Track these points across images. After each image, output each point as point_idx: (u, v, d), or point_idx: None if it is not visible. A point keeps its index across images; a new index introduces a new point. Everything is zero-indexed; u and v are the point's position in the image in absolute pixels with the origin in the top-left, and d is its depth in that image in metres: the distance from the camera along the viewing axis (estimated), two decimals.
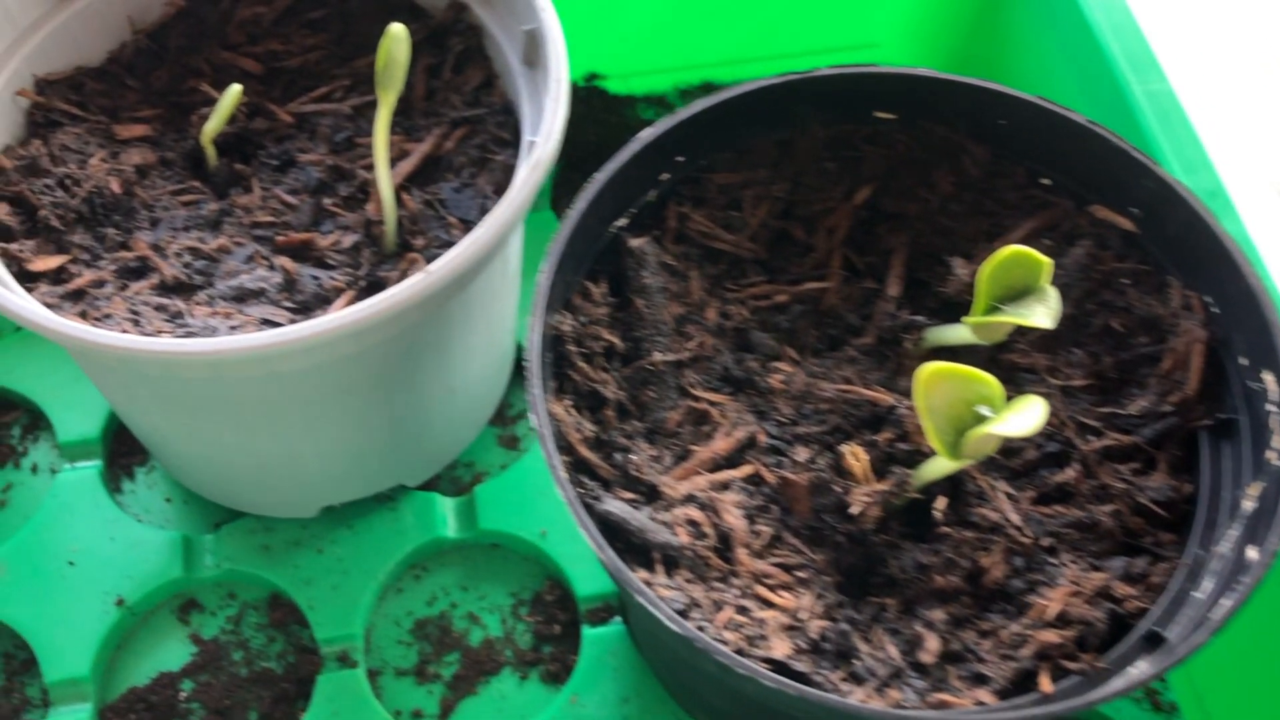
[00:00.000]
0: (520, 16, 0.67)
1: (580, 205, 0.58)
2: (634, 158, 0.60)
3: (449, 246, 0.65)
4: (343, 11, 0.74)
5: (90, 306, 0.62)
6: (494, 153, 0.68)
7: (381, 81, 0.62)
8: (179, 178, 0.69)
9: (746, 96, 0.62)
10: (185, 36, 0.73)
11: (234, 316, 0.62)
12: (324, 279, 0.64)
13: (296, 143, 0.70)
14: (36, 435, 0.79)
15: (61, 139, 0.67)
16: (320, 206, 0.67)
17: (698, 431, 0.59)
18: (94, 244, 0.65)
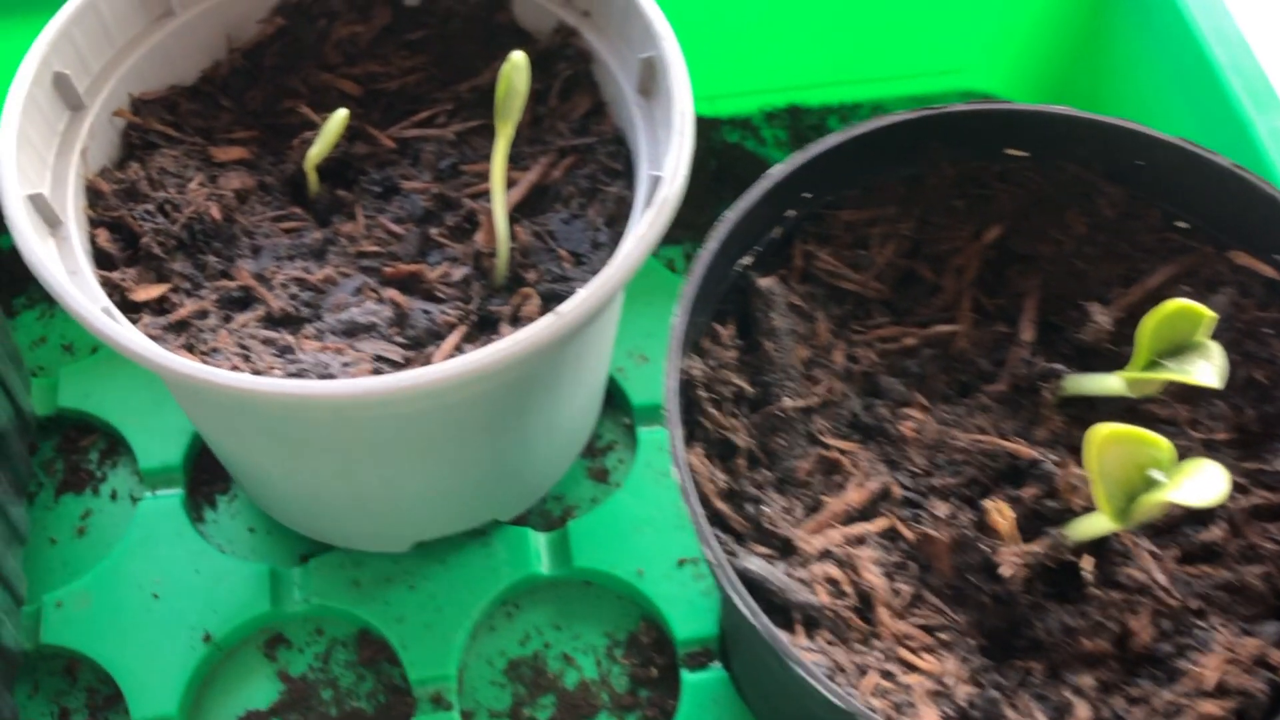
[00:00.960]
0: (636, 43, 0.65)
1: (711, 245, 0.56)
2: (764, 195, 0.58)
3: (560, 281, 0.63)
4: (442, 33, 0.72)
5: (195, 339, 0.60)
6: (605, 184, 0.66)
7: (501, 111, 0.60)
8: (279, 203, 0.67)
9: (877, 132, 0.60)
10: (280, 55, 0.71)
11: (345, 352, 0.59)
12: (435, 313, 0.62)
13: (399, 169, 0.68)
14: (115, 460, 0.77)
15: (159, 161, 0.65)
16: (427, 236, 0.65)
17: (829, 481, 0.57)
18: (194, 272, 0.63)
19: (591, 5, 0.68)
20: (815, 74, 0.91)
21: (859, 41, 0.90)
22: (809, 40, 0.89)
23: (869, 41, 0.90)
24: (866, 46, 0.90)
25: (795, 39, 0.89)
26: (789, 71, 0.91)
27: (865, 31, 0.89)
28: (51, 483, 0.76)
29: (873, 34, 0.89)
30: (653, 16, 0.64)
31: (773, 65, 0.90)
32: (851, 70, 0.91)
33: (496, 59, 0.71)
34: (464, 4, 0.71)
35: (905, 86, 0.92)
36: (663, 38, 0.63)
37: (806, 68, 0.91)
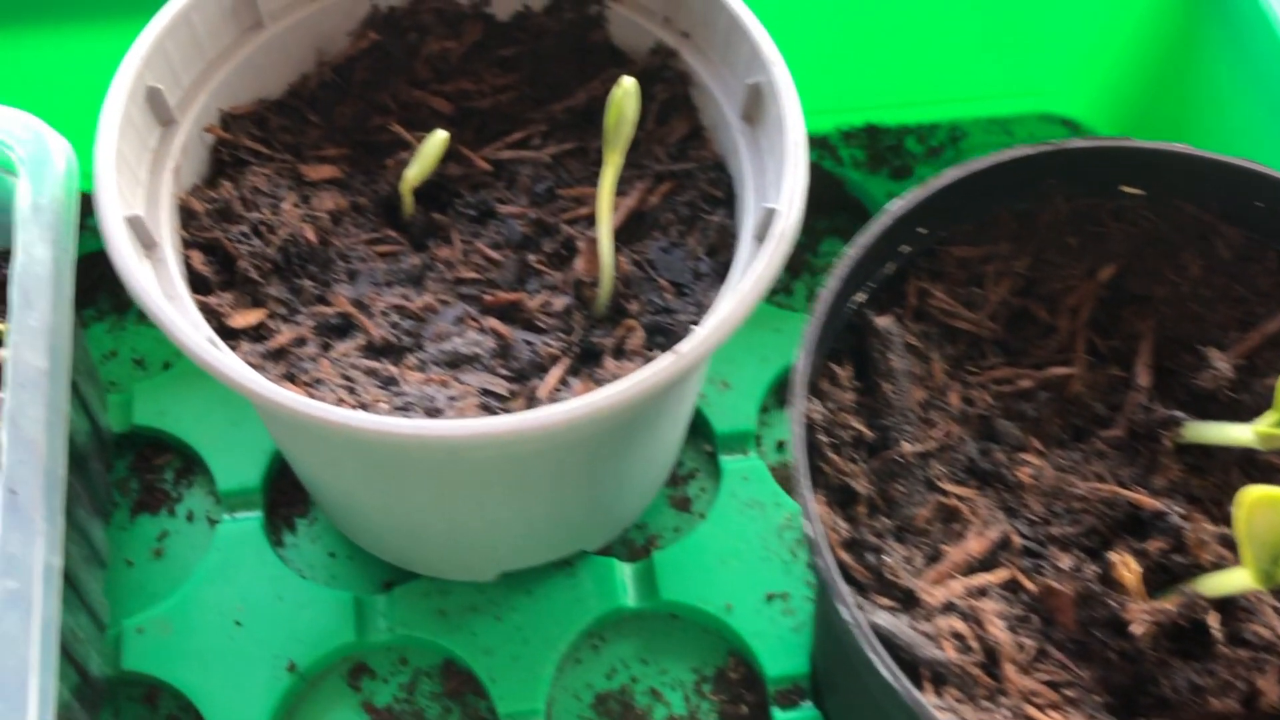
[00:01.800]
0: (741, 68, 0.64)
1: (832, 284, 0.55)
2: (884, 232, 0.56)
3: (663, 312, 0.62)
4: (535, 51, 0.70)
5: (296, 368, 0.58)
6: (706, 212, 0.64)
7: (610, 139, 0.59)
8: (372, 225, 0.66)
9: (996, 168, 0.58)
10: (370, 71, 0.69)
11: (450, 385, 0.58)
12: (537, 344, 0.61)
13: (494, 192, 0.67)
14: (191, 480, 0.76)
15: (251, 180, 0.64)
16: (525, 263, 0.64)
17: (948, 529, 0.55)
18: (290, 297, 0.62)
19: (692, 26, 0.67)
20: (893, 93, 0.89)
21: (938, 61, 0.88)
22: (887, 59, 0.88)
23: (948, 61, 0.88)
24: (945, 66, 0.88)
25: (873, 57, 0.88)
26: (866, 90, 0.89)
27: (944, 51, 0.88)
28: (127, 502, 0.75)
29: (952, 54, 0.88)
30: (761, 41, 0.62)
31: (850, 83, 0.89)
32: (930, 90, 0.89)
33: (591, 79, 0.69)
34: (557, 21, 0.69)
35: (983, 108, 0.90)
36: (772, 63, 0.61)
37: (884, 87, 0.89)
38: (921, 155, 0.88)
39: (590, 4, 0.68)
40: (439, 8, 0.69)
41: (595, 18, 0.69)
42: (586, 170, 0.68)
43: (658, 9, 0.67)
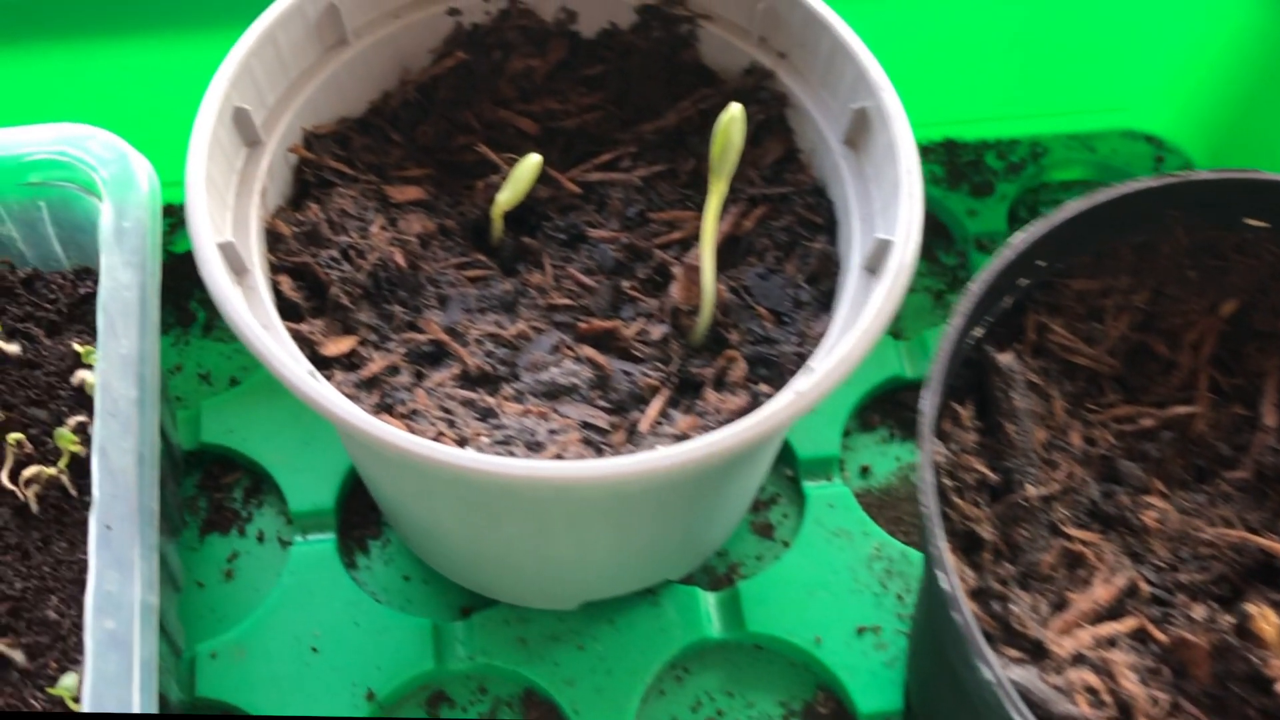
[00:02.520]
0: (844, 91, 0.62)
1: (957, 323, 0.53)
2: (1006, 266, 0.54)
3: (764, 342, 0.60)
4: (622, 69, 0.68)
5: (391, 398, 0.56)
6: (805, 238, 0.63)
7: (716, 167, 0.57)
8: (461, 249, 0.64)
9: (1118, 201, 0.56)
10: (453, 89, 0.67)
11: (550, 417, 0.56)
12: (636, 375, 0.59)
13: (584, 215, 0.65)
14: (260, 499, 0.74)
15: (338, 202, 0.62)
16: (618, 289, 0.62)
17: (1073, 576, 0.54)
18: (380, 323, 0.60)
19: (789, 47, 0.64)
20: (973, 108, 0.87)
21: (1019, 75, 0.86)
22: (966, 73, 0.86)
23: (1029, 75, 0.86)
24: (1026, 80, 0.86)
25: (952, 71, 0.86)
26: (946, 105, 0.87)
27: (1025, 65, 0.86)
28: (195, 521, 0.73)
29: (1033, 68, 0.86)
30: (867, 64, 0.60)
31: (929, 98, 0.86)
32: (1010, 105, 0.87)
33: (681, 99, 0.68)
34: (645, 39, 0.67)
35: (1065, 124, 0.88)
36: (881, 89, 0.59)
37: (964, 101, 0.87)
38: (1002, 171, 0.86)
39: (680, 22, 0.66)
40: (524, 25, 0.67)
41: (685, 36, 0.67)
42: (677, 193, 0.66)
43: (753, 28, 0.65)
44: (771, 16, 0.64)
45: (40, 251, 0.65)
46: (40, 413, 0.63)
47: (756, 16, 0.64)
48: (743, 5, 0.65)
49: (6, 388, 0.63)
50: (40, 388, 0.63)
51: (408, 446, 0.49)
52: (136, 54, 0.75)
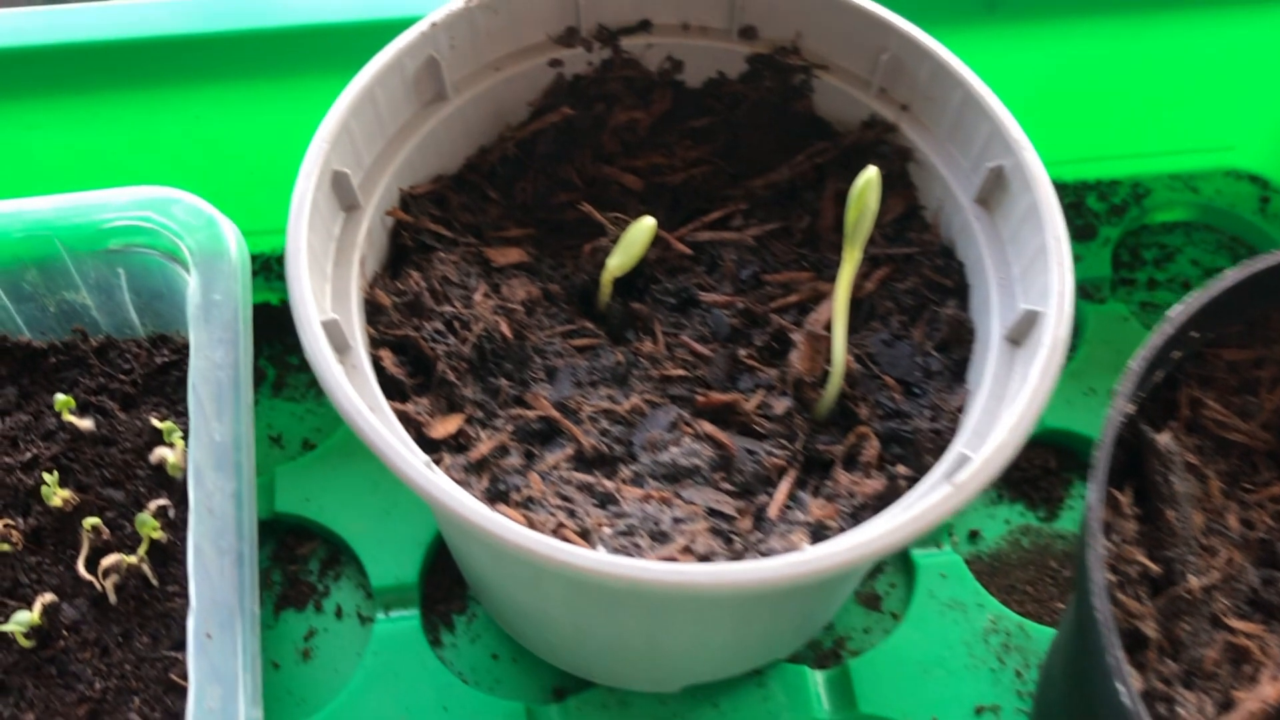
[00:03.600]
0: (976, 148, 0.58)
1: (1120, 405, 0.49)
2: (1166, 342, 0.51)
3: (895, 417, 0.56)
4: (730, 121, 0.64)
5: (503, 483, 0.53)
6: (934, 301, 0.59)
7: (852, 235, 0.54)
8: (566, 316, 0.60)
9: (1276, 268, 0.53)
10: (552, 143, 0.63)
11: (673, 503, 0.53)
12: (760, 454, 0.55)
13: (694, 277, 0.61)
14: (338, 571, 0.70)
15: (440, 269, 0.58)
16: (735, 359, 0.59)
17: (1238, 672, 0.50)
18: (486, 399, 0.56)
19: (913, 98, 0.61)
20: (1072, 149, 0.84)
21: (1120, 115, 0.82)
22: (1067, 113, 0.82)
23: (1130, 115, 0.83)
24: (1127, 120, 0.83)
25: (1052, 111, 0.82)
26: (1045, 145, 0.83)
27: (1126, 104, 0.82)
28: (270, 596, 0.69)
29: (1134, 107, 0.82)
30: (1004, 120, 0.57)
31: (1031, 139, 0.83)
32: (1110, 146, 0.84)
33: (794, 152, 0.64)
34: (755, 89, 0.64)
35: (1166, 163, 0.85)
36: (1021, 146, 0.56)
37: (1062, 141, 0.83)
38: (1104, 214, 0.83)
39: (794, 72, 0.63)
40: (627, 76, 0.63)
41: (799, 87, 0.63)
42: (792, 253, 0.62)
43: (873, 79, 0.61)
44: (896, 67, 0.60)
45: (115, 319, 0.62)
46: (117, 494, 0.59)
47: (880, 67, 0.60)
48: (864, 55, 0.61)
49: (80, 467, 0.60)
50: (116, 466, 0.60)
51: (543, 551, 0.45)
52: (204, 105, 0.71)
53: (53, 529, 0.58)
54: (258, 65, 0.70)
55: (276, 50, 0.70)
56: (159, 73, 0.68)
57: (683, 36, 0.63)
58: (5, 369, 0.62)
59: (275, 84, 0.71)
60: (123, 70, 0.68)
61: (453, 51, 0.59)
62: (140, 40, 0.67)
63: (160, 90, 0.69)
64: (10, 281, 0.59)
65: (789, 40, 0.63)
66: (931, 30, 0.59)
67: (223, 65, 0.69)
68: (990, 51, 0.77)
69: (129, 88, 0.69)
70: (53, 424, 0.60)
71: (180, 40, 0.67)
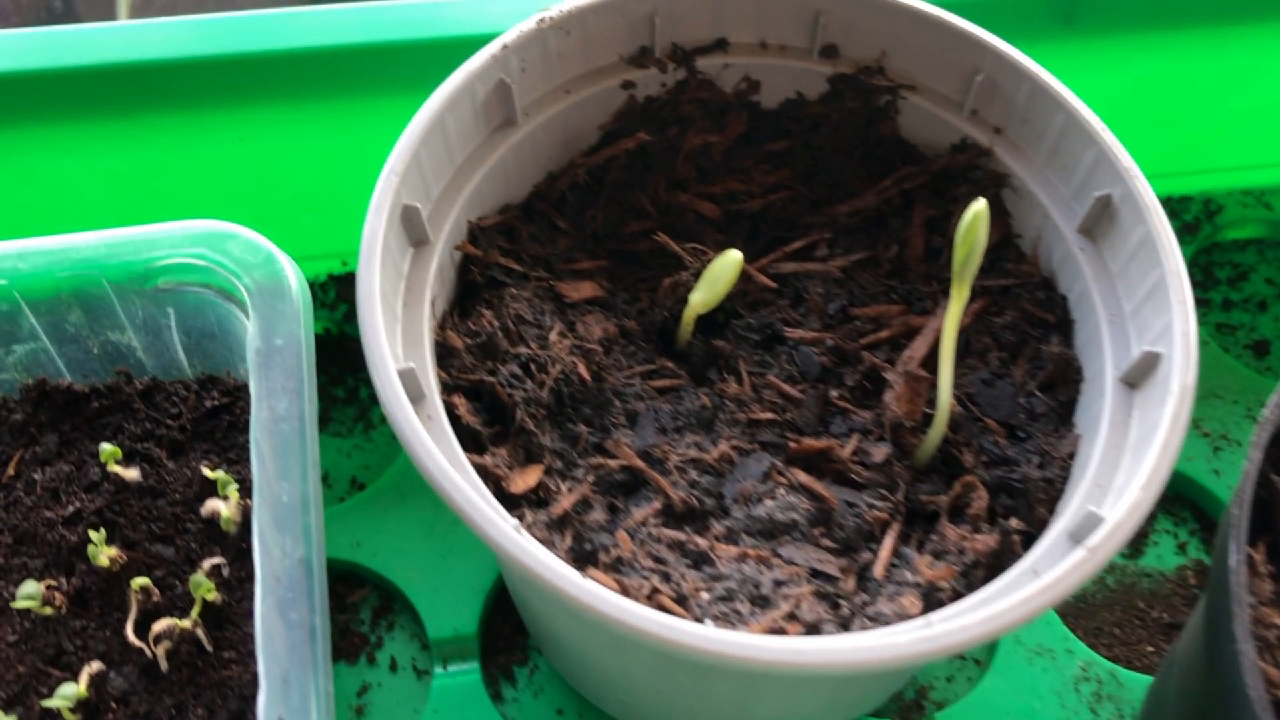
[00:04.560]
0: (1081, 175, 0.55)
1: (1257, 457, 0.46)
2: None
3: (1001, 464, 0.53)
4: (809, 143, 0.61)
5: (590, 542, 0.49)
6: (1036, 338, 0.56)
7: (960, 272, 0.50)
8: (645, 355, 0.57)
9: None
10: (624, 169, 0.60)
11: (771, 562, 0.49)
12: (860, 505, 0.52)
13: (777, 311, 0.58)
14: (391, 620, 0.67)
15: (512, 306, 0.54)
16: (826, 400, 0.55)
17: None
18: (565, 447, 0.53)
19: (1008, 121, 0.57)
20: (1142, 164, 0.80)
21: (1190, 131, 0.79)
22: (1137, 128, 0.79)
23: (1201, 131, 0.80)
24: (1198, 136, 0.80)
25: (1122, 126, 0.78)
26: None
27: (1197, 120, 0.79)
28: None
29: (1205, 123, 0.79)
30: (1111, 145, 0.53)
31: None
32: (1182, 161, 0.80)
33: (879, 177, 0.61)
34: (836, 110, 0.60)
35: (1238, 179, 0.82)
36: (1131, 175, 0.53)
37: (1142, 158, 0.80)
38: (1177, 232, 0.79)
39: (879, 93, 0.59)
40: (702, 97, 0.60)
41: (883, 108, 0.60)
42: (880, 284, 0.59)
43: (964, 100, 0.58)
44: (990, 89, 0.57)
45: (162, 360, 0.58)
46: (167, 550, 0.55)
47: (973, 88, 0.57)
48: (956, 75, 0.58)
49: (127, 521, 0.56)
50: (165, 520, 0.56)
51: (648, 627, 0.41)
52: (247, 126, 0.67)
53: (99, 590, 0.54)
54: (301, 85, 0.66)
55: (319, 70, 0.66)
56: (198, 94, 0.64)
57: (760, 56, 0.60)
58: (45, 415, 0.58)
59: (320, 104, 0.67)
60: (160, 91, 0.64)
61: (523, 74, 0.56)
62: (179, 61, 0.63)
63: (200, 111, 0.65)
64: (52, 322, 0.55)
65: (873, 59, 0.59)
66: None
67: (265, 86, 0.66)
68: (1064, 65, 0.73)
69: (167, 109, 0.65)
70: (96, 474, 0.57)
71: (220, 60, 0.64)
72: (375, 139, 0.69)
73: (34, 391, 0.59)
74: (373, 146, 0.69)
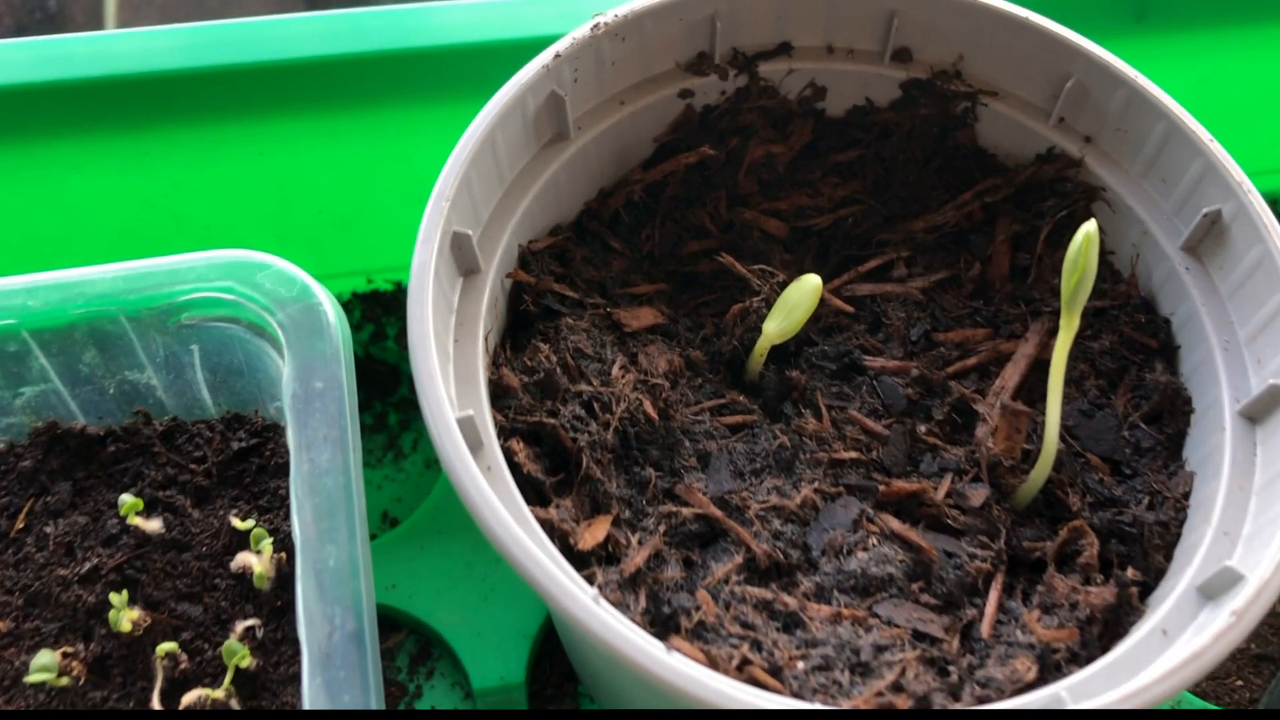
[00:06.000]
0: (1185, 189, 0.50)
1: None
2: None
3: (1109, 505, 0.49)
4: (879, 154, 0.56)
5: (669, 604, 0.44)
6: (1139, 365, 0.51)
7: (1070, 301, 0.46)
8: (713, 387, 0.52)
9: None
10: (682, 184, 0.55)
11: (871, 624, 0.45)
12: (961, 556, 0.47)
13: (855, 337, 0.53)
14: (430, 666, 0.62)
15: (570, 338, 0.50)
16: (914, 436, 0.51)
17: None
18: (632, 493, 0.48)
19: (1100, 130, 0.53)
20: None
21: (1265, 130, 0.75)
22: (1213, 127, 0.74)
23: (1267, 128, 0.75)
24: (1273, 135, 0.75)
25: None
26: None
27: (1272, 119, 0.75)
28: None
29: (1271, 119, 0.75)
30: (1220, 157, 0.49)
31: None
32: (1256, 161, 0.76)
33: (955, 189, 0.56)
34: (909, 117, 0.56)
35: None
36: (1243, 188, 0.48)
37: None
38: None
39: (957, 99, 0.55)
40: (764, 105, 0.55)
41: (961, 116, 0.55)
42: (964, 306, 0.54)
43: (1052, 107, 0.54)
44: (1080, 95, 0.52)
45: (184, 400, 0.53)
46: (194, 610, 0.51)
47: (1062, 94, 0.52)
48: (1042, 80, 0.53)
49: (150, 578, 0.51)
50: (191, 576, 0.51)
51: (745, 707, 0.37)
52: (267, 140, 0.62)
53: (120, 656, 0.50)
54: (323, 95, 0.61)
55: (342, 79, 0.61)
56: (214, 105, 0.59)
57: (827, 60, 0.55)
58: (56, 461, 0.53)
59: (343, 115, 0.63)
60: (173, 103, 0.59)
61: (576, 86, 0.51)
62: (193, 70, 0.58)
63: (217, 125, 0.60)
64: (65, 363, 0.50)
65: (950, 64, 0.55)
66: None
67: (285, 96, 0.61)
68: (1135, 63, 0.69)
69: (181, 123, 0.60)
70: (115, 526, 0.52)
71: (237, 70, 0.59)
72: (403, 150, 0.64)
73: (44, 435, 0.54)
74: (400, 158, 0.65)
